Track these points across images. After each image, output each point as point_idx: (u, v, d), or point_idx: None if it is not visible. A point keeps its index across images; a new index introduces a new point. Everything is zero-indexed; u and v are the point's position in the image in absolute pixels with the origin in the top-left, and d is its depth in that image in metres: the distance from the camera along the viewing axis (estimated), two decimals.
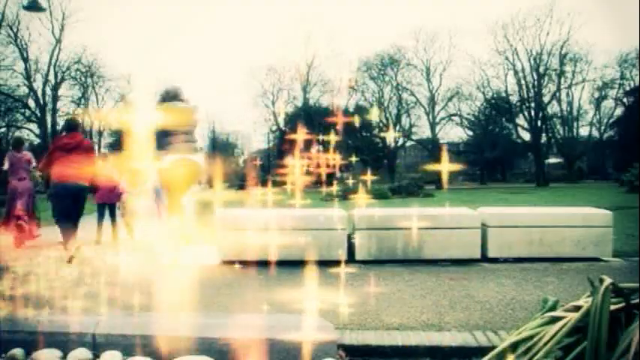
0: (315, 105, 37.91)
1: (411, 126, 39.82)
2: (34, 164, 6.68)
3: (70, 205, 5.54)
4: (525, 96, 37.32)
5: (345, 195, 18.03)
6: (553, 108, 39.07)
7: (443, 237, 6.02)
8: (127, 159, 6.96)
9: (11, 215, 6.31)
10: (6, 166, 6.60)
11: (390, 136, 37.96)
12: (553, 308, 1.80)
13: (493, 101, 38.62)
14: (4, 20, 29.75)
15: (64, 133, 6.26)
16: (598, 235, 6.08)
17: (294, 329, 3.26)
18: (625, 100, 38.43)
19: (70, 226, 5.61)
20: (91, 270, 5.17)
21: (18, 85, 32.18)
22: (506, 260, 6.00)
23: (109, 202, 7.40)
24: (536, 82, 36.82)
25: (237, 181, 34.41)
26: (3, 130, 34.38)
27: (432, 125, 38.09)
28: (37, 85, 32.10)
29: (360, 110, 37.37)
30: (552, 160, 43.08)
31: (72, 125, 6.03)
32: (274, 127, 39.74)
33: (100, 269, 5.27)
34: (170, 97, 5.56)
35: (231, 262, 5.95)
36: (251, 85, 38.99)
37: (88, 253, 6.02)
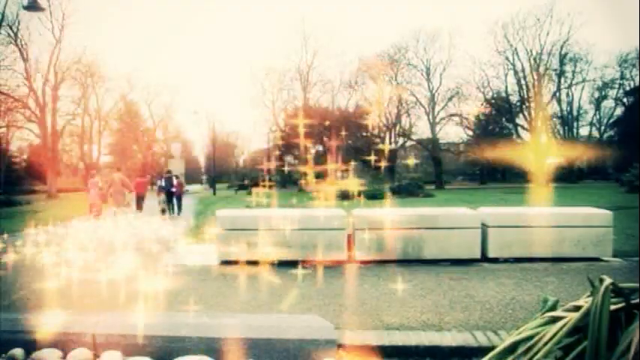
0: (315, 105, 37.87)
1: (411, 126, 39.82)
2: (100, 184, 12.85)
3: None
4: (525, 96, 37.29)
5: (345, 195, 18.00)
6: (553, 108, 39.05)
7: (443, 237, 6.02)
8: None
9: (91, 206, 12.72)
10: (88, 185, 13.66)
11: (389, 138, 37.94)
12: (553, 308, 1.80)
13: (493, 101, 38.57)
14: (4, 20, 29.69)
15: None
16: (598, 235, 6.08)
17: (294, 329, 3.26)
18: (625, 100, 38.43)
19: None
20: None
21: (18, 85, 32.09)
22: (506, 260, 6.00)
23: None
24: (536, 82, 36.77)
25: (238, 181, 34.42)
26: (3, 130, 34.36)
27: (432, 125, 38.04)
28: (37, 85, 32.02)
29: (360, 110, 37.34)
30: (552, 160, 42.98)
31: None
32: (274, 127, 39.71)
33: None
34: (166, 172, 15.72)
35: (230, 262, 5.95)
36: (251, 85, 39.04)
37: None
